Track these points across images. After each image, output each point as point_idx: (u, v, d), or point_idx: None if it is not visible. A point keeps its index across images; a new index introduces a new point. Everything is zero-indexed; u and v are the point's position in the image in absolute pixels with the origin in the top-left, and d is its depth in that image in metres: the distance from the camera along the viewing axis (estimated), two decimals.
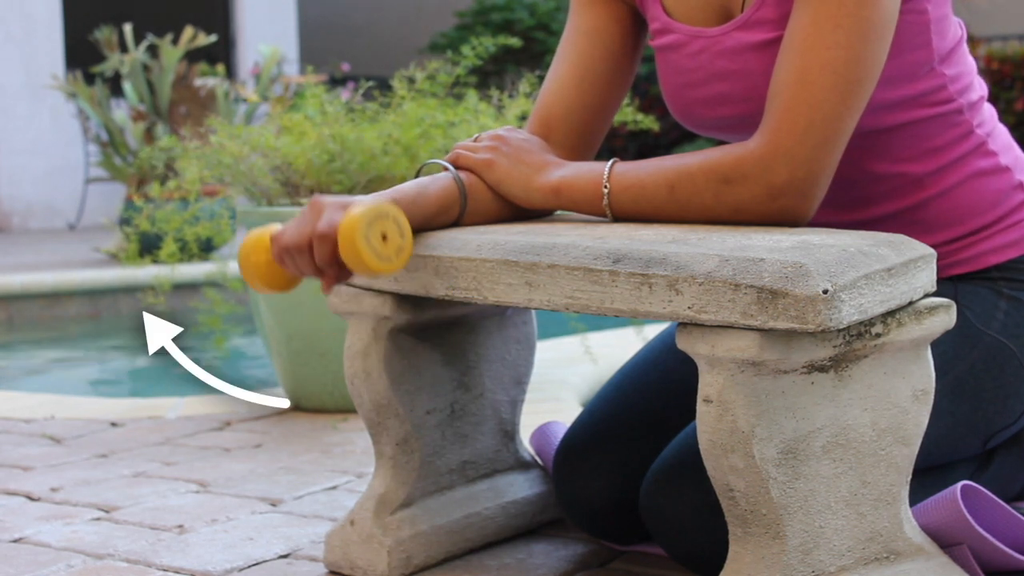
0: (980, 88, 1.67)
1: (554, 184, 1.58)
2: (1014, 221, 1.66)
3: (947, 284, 1.63)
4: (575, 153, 1.70)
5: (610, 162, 1.56)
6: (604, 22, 1.70)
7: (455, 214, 1.60)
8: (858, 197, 1.65)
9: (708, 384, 1.34)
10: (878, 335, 1.36)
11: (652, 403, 1.75)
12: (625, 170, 1.54)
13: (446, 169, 1.62)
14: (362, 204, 1.46)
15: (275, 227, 1.52)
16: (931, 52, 1.58)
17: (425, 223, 1.57)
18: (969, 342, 1.61)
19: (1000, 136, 1.69)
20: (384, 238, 1.45)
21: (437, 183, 1.59)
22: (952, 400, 1.60)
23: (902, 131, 1.61)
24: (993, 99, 9.95)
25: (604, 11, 1.71)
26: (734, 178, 1.47)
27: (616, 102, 1.73)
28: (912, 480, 1.58)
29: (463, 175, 1.61)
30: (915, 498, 1.57)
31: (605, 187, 1.54)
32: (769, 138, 1.46)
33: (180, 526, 1.99)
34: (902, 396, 1.42)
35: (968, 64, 1.65)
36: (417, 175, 1.65)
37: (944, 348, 1.57)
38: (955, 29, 1.63)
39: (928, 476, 1.64)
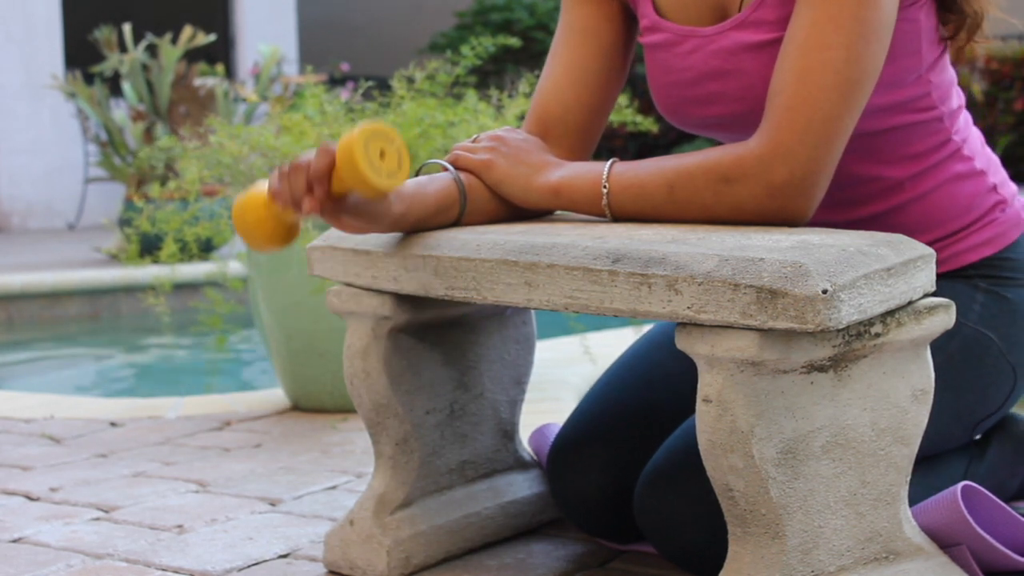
0: (959, 97, 1.69)
1: (553, 184, 1.58)
2: (988, 221, 1.67)
3: None
4: (573, 152, 1.70)
5: (609, 162, 1.56)
6: (596, 20, 1.71)
7: (454, 214, 1.60)
8: (839, 199, 1.65)
9: (707, 384, 1.34)
10: (877, 335, 1.36)
11: (643, 398, 1.75)
12: (624, 170, 1.55)
13: (446, 169, 1.62)
14: (358, 126, 1.46)
15: (263, 183, 1.53)
16: (920, 60, 1.59)
17: (423, 222, 1.57)
18: (947, 333, 1.61)
19: (974, 140, 1.71)
20: (382, 155, 1.45)
21: (436, 183, 1.59)
22: (935, 390, 1.60)
23: (886, 136, 1.61)
24: (992, 99, 9.95)
25: (596, 9, 1.71)
26: (734, 177, 1.47)
27: (612, 99, 1.73)
28: None
29: (462, 176, 1.62)
30: (910, 491, 1.58)
31: (604, 187, 1.54)
32: (769, 137, 1.46)
33: (180, 526, 1.99)
34: (901, 396, 1.42)
35: (949, 73, 1.67)
36: (416, 175, 1.65)
37: None
38: (942, 37, 1.63)
39: (919, 468, 1.65)
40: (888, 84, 1.58)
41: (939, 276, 1.65)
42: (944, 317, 1.42)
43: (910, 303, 1.39)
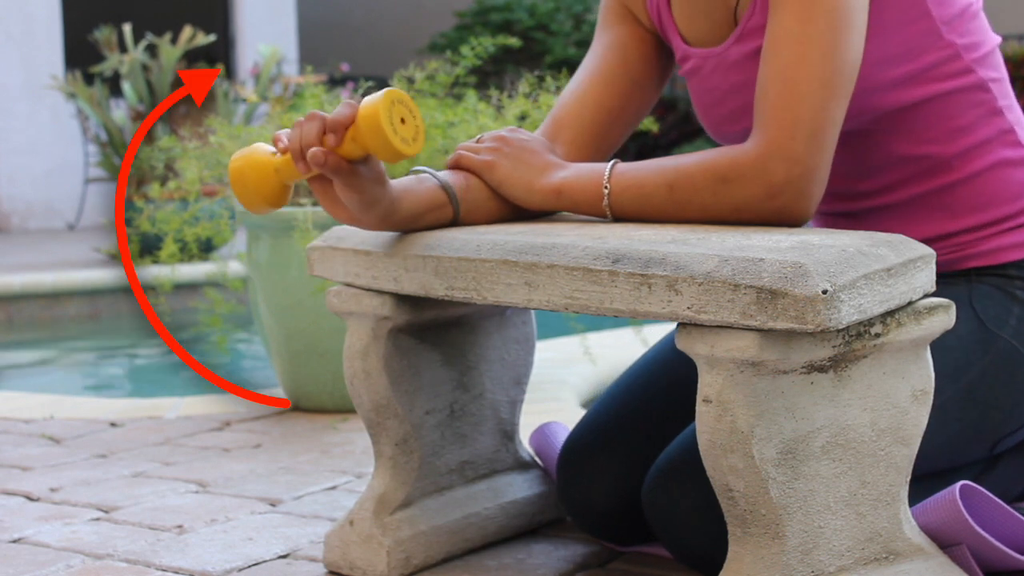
0: (1002, 66, 1.67)
1: (555, 185, 1.59)
2: None
3: (962, 281, 1.63)
4: (585, 152, 1.70)
5: (611, 163, 1.57)
6: (626, 38, 1.75)
7: (448, 214, 1.60)
8: (886, 182, 1.65)
9: (707, 384, 1.34)
10: (877, 335, 1.36)
11: (657, 405, 1.75)
12: (625, 170, 1.55)
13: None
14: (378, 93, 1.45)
15: (262, 144, 1.52)
16: (932, 21, 1.58)
17: (416, 219, 1.57)
18: (982, 346, 1.61)
19: None
20: (403, 121, 1.45)
21: (426, 183, 1.59)
22: (961, 407, 1.59)
23: (923, 109, 1.61)
24: None
25: (627, 31, 1.75)
26: (732, 178, 1.47)
27: (632, 109, 1.74)
28: (917, 485, 1.58)
29: (460, 176, 1.62)
30: (916, 499, 1.57)
31: (605, 188, 1.55)
32: (761, 138, 1.47)
33: (179, 526, 1.99)
34: (901, 396, 1.42)
35: (987, 36, 1.65)
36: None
37: (957, 353, 1.57)
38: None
39: (932, 481, 1.64)
40: (905, 53, 1.57)
41: (977, 273, 1.64)
42: (944, 317, 1.42)
43: (910, 303, 1.39)
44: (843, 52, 1.48)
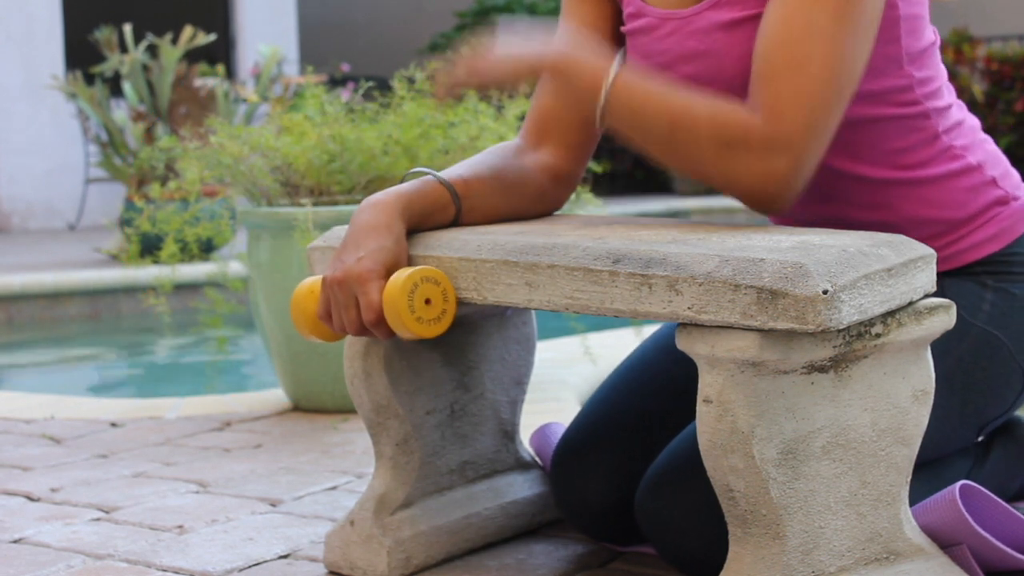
0: (949, 95, 1.67)
1: (561, 55, 1.55)
2: (990, 217, 1.65)
3: None
4: (573, 150, 1.70)
5: (614, 69, 1.53)
6: (593, 18, 1.72)
7: (451, 213, 1.60)
8: (818, 194, 1.63)
9: (708, 384, 1.34)
10: (878, 335, 1.36)
11: (647, 403, 1.75)
12: (630, 83, 1.52)
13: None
14: (403, 272, 1.48)
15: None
16: (900, 49, 1.58)
17: (422, 221, 1.58)
18: (957, 335, 1.61)
19: (967, 134, 1.67)
20: (427, 302, 1.50)
21: (430, 184, 1.59)
22: (941, 394, 1.59)
23: (864, 128, 1.60)
24: (993, 100, 9.94)
25: (591, 9, 1.72)
26: (737, 147, 1.46)
27: None
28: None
29: (460, 176, 1.62)
30: (912, 493, 1.57)
31: (604, 92, 1.51)
32: (773, 122, 1.45)
33: (180, 526, 1.99)
34: (902, 396, 1.42)
35: (939, 71, 1.65)
36: (402, 183, 1.65)
37: (933, 342, 1.57)
38: (928, 33, 1.63)
39: (924, 470, 1.64)
40: (865, 71, 1.56)
41: (945, 274, 1.64)
42: (945, 317, 1.42)
43: (910, 303, 1.39)
44: (860, 57, 1.48)
